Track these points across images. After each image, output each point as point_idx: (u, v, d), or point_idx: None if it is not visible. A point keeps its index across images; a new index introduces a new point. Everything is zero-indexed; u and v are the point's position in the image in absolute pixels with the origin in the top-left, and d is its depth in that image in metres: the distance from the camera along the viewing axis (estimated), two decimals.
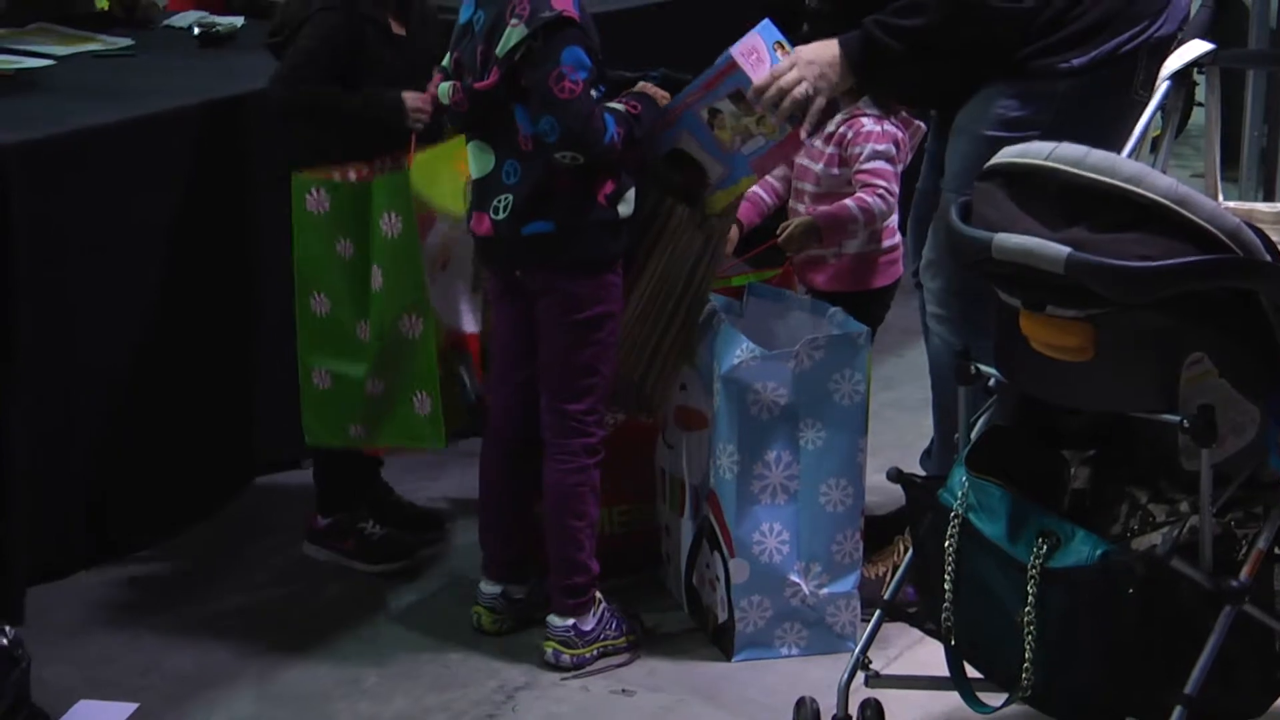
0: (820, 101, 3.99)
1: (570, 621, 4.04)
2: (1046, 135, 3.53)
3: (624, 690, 3.99)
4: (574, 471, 4.01)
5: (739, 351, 4.00)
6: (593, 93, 3.86)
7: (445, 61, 4.04)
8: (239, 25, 5.06)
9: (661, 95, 4.01)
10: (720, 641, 4.13)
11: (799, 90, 3.95)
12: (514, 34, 3.80)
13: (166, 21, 5.13)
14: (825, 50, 3.99)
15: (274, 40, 4.32)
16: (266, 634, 4.15)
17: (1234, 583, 3.22)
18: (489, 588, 4.17)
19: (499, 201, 3.94)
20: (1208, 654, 3.20)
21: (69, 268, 4.20)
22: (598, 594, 4.08)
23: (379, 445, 4.30)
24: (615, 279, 3.99)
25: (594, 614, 4.05)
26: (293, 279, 4.23)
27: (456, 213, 4.20)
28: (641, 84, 4.03)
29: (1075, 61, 3.98)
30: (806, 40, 4.09)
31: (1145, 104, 4.01)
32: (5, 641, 3.67)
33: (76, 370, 4.26)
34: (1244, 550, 3.30)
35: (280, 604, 4.28)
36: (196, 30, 5.01)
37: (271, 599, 4.30)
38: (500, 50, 3.83)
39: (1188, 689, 3.19)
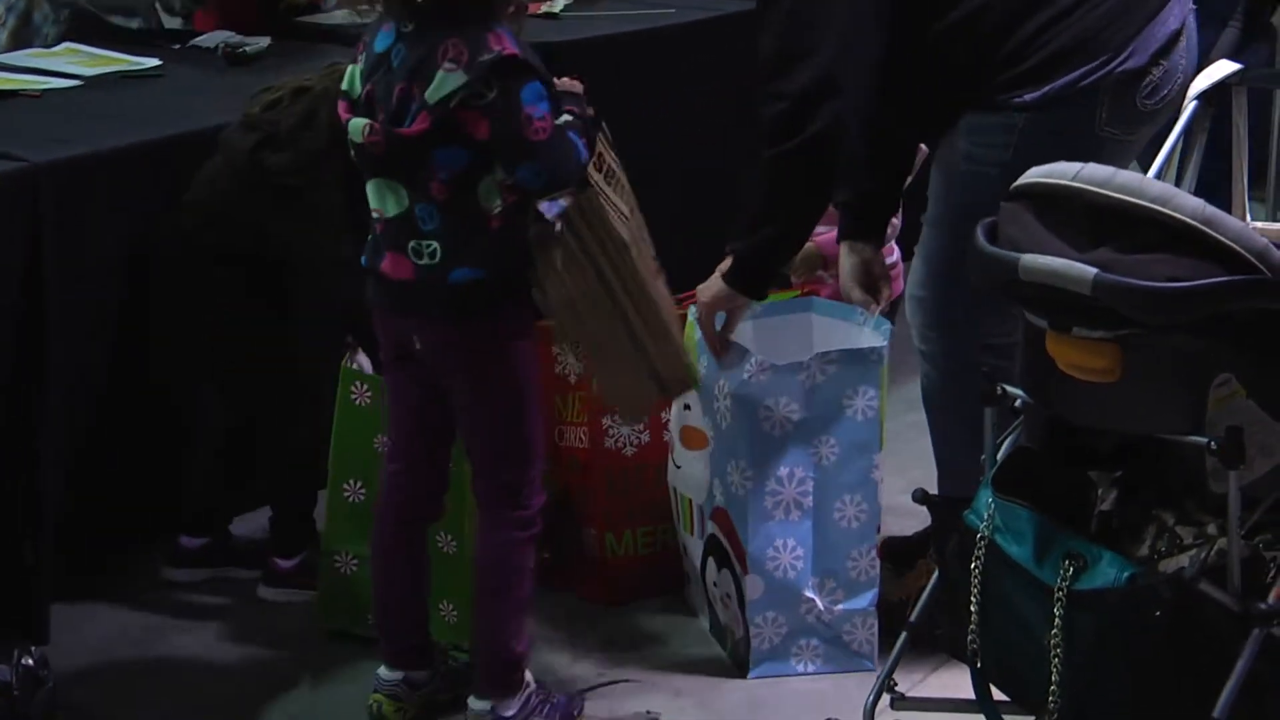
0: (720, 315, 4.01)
1: (488, 704, 3.75)
2: (1008, 171, 3.50)
3: (648, 712, 3.98)
4: (504, 545, 3.72)
5: (748, 366, 3.98)
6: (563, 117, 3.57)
7: (347, 85, 3.61)
8: (265, 46, 5.06)
9: (580, 89, 3.71)
10: (738, 657, 4.12)
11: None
12: (449, 80, 3.44)
13: (193, 41, 5.14)
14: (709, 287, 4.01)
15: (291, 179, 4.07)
16: (291, 660, 4.14)
17: (1262, 605, 3.20)
18: (389, 674, 3.84)
19: (421, 245, 3.57)
20: (1236, 677, 3.17)
21: (92, 289, 4.19)
22: (528, 677, 3.79)
23: None
24: (535, 343, 3.73)
25: (518, 699, 3.76)
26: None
27: None
28: (563, 81, 3.68)
29: (1028, 96, 3.91)
30: None
31: (1118, 141, 3.97)
32: (31, 662, 3.67)
33: (99, 386, 4.25)
34: (1273, 573, 3.28)
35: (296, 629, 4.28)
36: (222, 51, 5.02)
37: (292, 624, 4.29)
38: (432, 96, 3.45)
39: (1216, 713, 3.17)
